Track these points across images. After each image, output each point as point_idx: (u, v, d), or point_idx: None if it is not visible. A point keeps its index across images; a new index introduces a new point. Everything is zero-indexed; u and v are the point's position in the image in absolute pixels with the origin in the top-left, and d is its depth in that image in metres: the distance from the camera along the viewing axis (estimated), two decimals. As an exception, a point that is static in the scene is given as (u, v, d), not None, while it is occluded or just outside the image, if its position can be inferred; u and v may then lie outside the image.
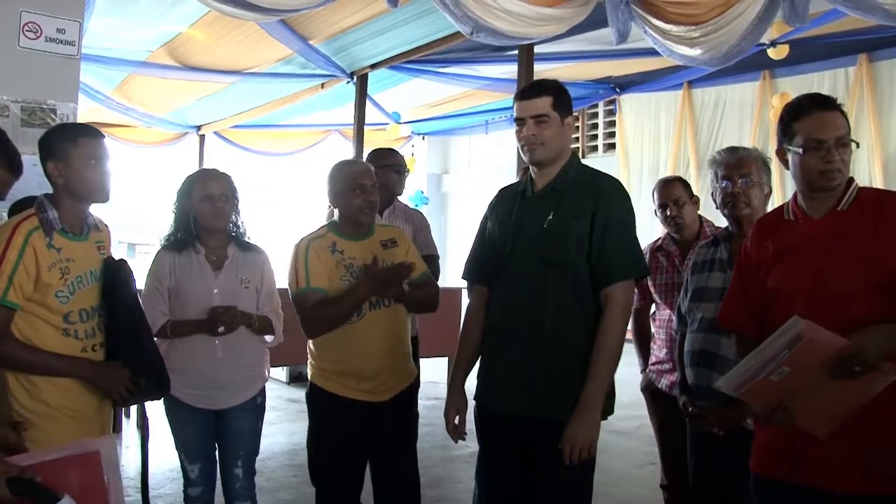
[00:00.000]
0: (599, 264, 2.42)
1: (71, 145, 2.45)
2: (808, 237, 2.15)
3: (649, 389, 3.49)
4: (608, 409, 2.48)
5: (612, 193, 2.48)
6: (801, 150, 2.11)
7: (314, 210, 8.68)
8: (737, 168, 2.74)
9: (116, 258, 2.67)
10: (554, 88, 2.56)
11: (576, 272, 2.43)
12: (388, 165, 4.02)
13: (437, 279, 4.01)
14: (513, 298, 2.54)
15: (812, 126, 2.12)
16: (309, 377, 3.14)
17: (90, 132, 2.53)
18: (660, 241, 3.56)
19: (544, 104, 2.52)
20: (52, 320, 2.42)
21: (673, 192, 3.39)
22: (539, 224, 2.51)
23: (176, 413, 3.09)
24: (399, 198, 4.17)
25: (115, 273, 2.60)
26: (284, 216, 12.57)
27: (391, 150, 4.30)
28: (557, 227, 2.48)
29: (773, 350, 1.94)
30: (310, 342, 3.11)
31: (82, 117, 4.35)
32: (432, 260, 4.00)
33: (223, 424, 3.11)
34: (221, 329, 3.00)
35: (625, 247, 2.42)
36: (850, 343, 1.91)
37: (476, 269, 2.76)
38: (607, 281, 2.39)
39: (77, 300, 2.47)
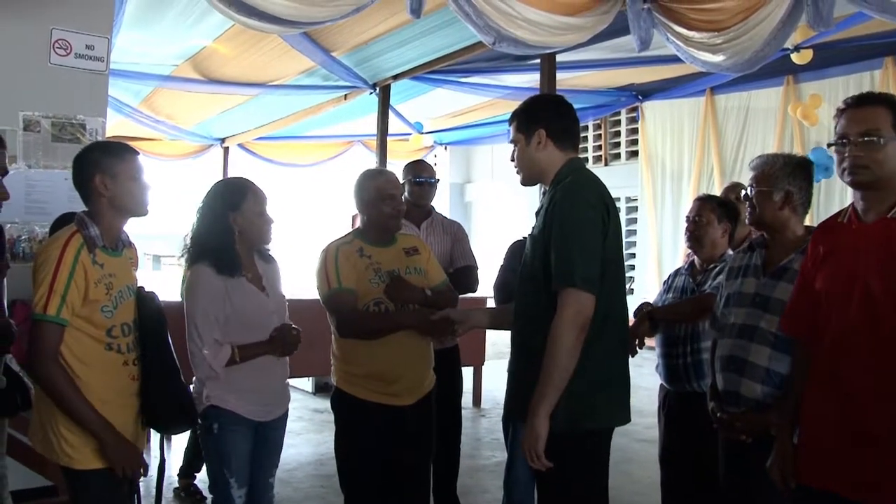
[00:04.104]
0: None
1: (117, 161, 2.51)
2: (853, 241, 2.13)
3: None
4: (574, 415, 2.32)
5: (555, 205, 2.39)
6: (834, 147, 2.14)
7: (338, 220, 8.73)
8: (752, 178, 2.77)
9: (147, 290, 2.68)
10: (518, 112, 2.59)
11: (543, 284, 2.40)
12: (428, 180, 4.15)
13: (475, 289, 4.10)
14: (515, 311, 2.59)
15: (842, 122, 2.14)
16: (334, 382, 3.19)
17: (130, 150, 2.60)
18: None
19: (513, 132, 2.58)
20: (96, 335, 2.46)
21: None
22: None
23: (233, 434, 2.89)
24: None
25: (148, 309, 2.61)
26: (309, 227, 12.65)
27: (426, 162, 4.42)
28: (531, 243, 2.52)
29: None
30: (333, 346, 3.19)
31: (110, 131, 4.42)
32: (470, 270, 4.08)
33: (264, 436, 3.01)
34: (295, 350, 3.00)
35: (561, 257, 2.33)
36: None
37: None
38: (554, 291, 2.34)
39: (119, 315, 2.52)
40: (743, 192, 2.88)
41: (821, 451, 2.17)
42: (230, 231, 2.90)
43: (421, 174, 4.18)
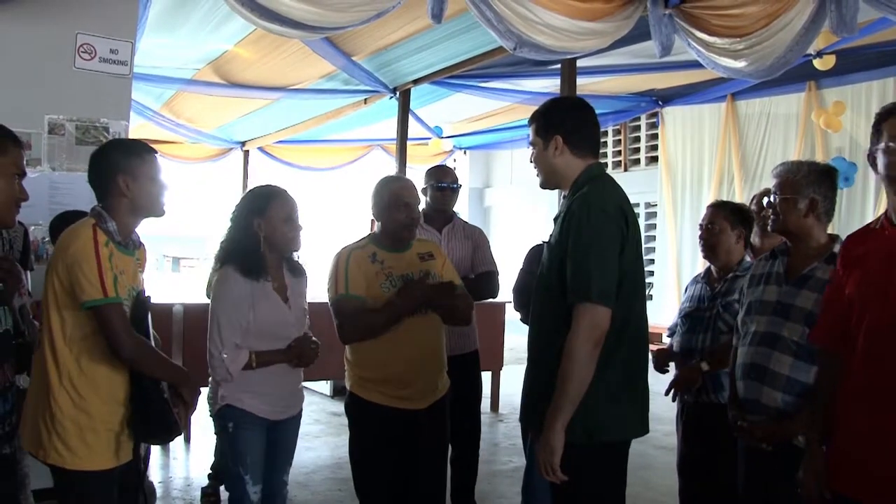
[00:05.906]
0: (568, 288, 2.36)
1: (138, 161, 2.52)
2: (886, 246, 2.09)
3: None
4: (591, 427, 2.30)
5: (572, 216, 2.37)
6: (885, 150, 2.06)
7: (357, 224, 8.77)
8: (775, 185, 2.74)
9: (145, 294, 2.66)
10: (537, 115, 2.57)
11: (558, 296, 2.38)
12: (451, 185, 4.15)
13: (495, 295, 4.09)
14: (531, 320, 2.58)
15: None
16: (347, 387, 3.20)
17: (150, 149, 2.61)
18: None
19: (532, 133, 2.56)
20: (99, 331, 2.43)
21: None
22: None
23: (248, 433, 2.95)
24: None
25: (139, 312, 2.57)
26: (327, 230, 12.69)
27: (448, 167, 4.42)
28: (547, 253, 2.50)
29: None
30: (347, 352, 3.20)
31: (132, 134, 4.46)
32: (491, 276, 4.07)
33: (279, 435, 3.05)
34: (311, 364, 3.06)
35: (578, 271, 2.30)
36: None
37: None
38: (570, 305, 2.31)
39: None
40: (766, 199, 2.85)
41: (853, 458, 2.13)
42: (255, 236, 2.94)
43: (443, 179, 4.18)
